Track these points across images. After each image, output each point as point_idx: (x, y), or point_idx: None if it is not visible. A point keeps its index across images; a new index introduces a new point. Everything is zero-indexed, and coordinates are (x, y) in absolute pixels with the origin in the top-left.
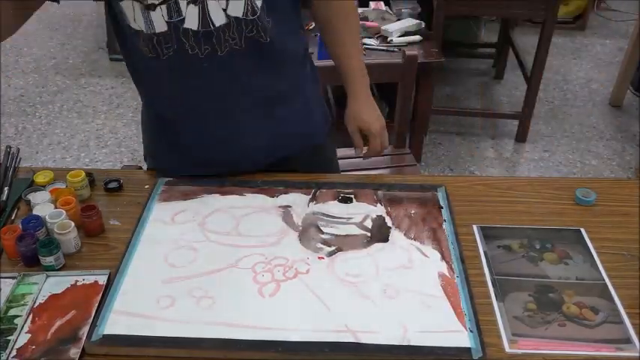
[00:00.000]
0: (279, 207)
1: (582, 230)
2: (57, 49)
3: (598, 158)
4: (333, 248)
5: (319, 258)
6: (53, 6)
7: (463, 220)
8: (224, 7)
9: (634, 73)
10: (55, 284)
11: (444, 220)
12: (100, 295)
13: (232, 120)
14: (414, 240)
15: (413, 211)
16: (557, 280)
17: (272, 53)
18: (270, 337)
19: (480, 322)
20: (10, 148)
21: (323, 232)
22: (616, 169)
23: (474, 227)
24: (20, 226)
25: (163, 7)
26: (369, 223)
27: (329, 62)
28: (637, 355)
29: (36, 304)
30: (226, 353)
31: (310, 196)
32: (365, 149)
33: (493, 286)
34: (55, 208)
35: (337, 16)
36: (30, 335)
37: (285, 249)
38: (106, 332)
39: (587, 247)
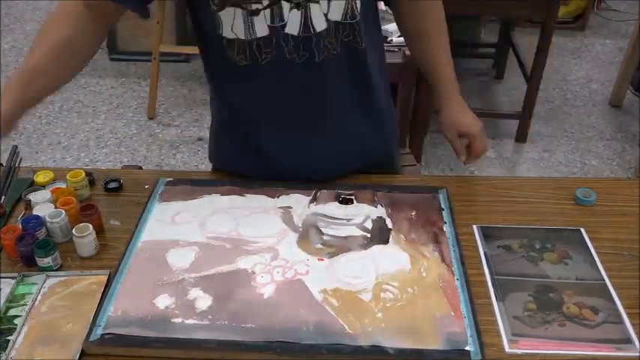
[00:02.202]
0: (280, 208)
1: (582, 230)
2: None
3: (598, 158)
4: (333, 249)
5: (319, 259)
6: (53, 5)
7: (463, 220)
8: (325, 12)
9: (634, 73)
10: (54, 284)
11: (445, 223)
12: (100, 295)
13: (318, 127)
14: (415, 242)
15: (413, 213)
16: (557, 280)
17: (364, 61)
18: (269, 338)
19: (479, 323)
20: (16, 147)
21: (323, 234)
22: (616, 169)
23: (474, 227)
24: (20, 226)
25: (267, 11)
26: (369, 225)
27: None
28: (637, 355)
29: (36, 304)
30: (225, 354)
31: (311, 197)
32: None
33: (493, 286)
34: (55, 208)
35: (431, 25)
36: (30, 335)
37: (284, 250)
38: (105, 332)
39: (587, 247)
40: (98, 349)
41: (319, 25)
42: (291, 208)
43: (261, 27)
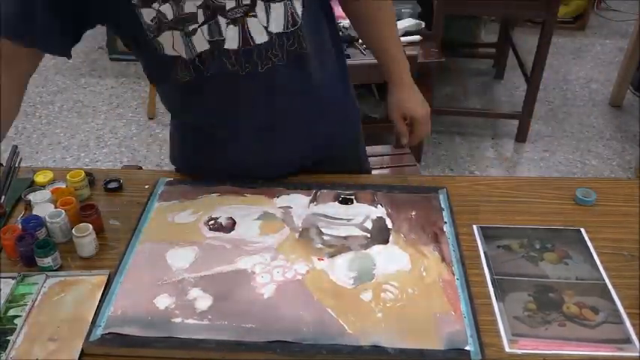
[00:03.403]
0: (280, 208)
1: (582, 230)
2: None
3: (598, 158)
4: (333, 249)
5: (319, 259)
6: None
7: (463, 220)
8: (265, 24)
9: (634, 73)
10: (54, 284)
11: (445, 223)
12: (100, 295)
13: (272, 131)
14: (415, 242)
15: (413, 213)
16: (557, 280)
17: (311, 60)
18: (269, 338)
19: (479, 323)
20: (16, 147)
21: (323, 234)
22: (616, 169)
23: (474, 227)
24: (20, 226)
25: (204, 27)
26: (369, 225)
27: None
28: (637, 355)
29: (36, 304)
30: (225, 354)
31: (311, 197)
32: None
33: (493, 286)
34: (55, 208)
35: (373, 9)
36: (30, 335)
37: (285, 250)
38: (105, 332)
39: (587, 247)
40: (98, 349)
41: (259, 37)
42: (291, 208)
43: (201, 43)
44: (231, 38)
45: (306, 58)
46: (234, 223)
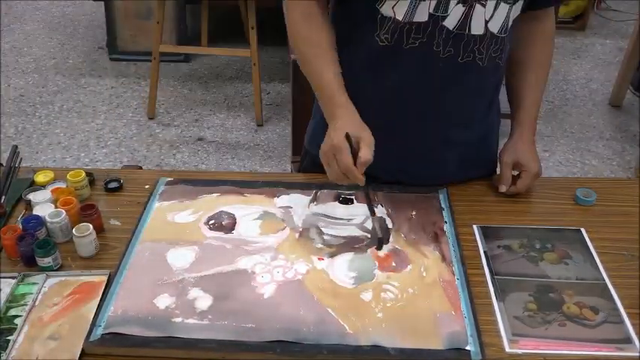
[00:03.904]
0: (280, 207)
1: (583, 230)
2: (57, 49)
3: (598, 158)
4: (333, 249)
5: (319, 259)
6: (53, 5)
7: (463, 220)
8: (487, 19)
9: (634, 73)
10: (54, 284)
11: (445, 222)
12: (100, 295)
13: (426, 129)
14: (415, 241)
15: (414, 213)
16: (557, 280)
17: (497, 77)
18: (269, 338)
19: (480, 323)
20: (16, 147)
21: (323, 233)
22: (616, 169)
23: (475, 227)
24: (20, 226)
25: (433, 0)
26: (369, 225)
27: None
28: (637, 355)
29: (36, 304)
30: (225, 354)
31: (311, 197)
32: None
33: (493, 286)
34: (56, 208)
35: (533, 57)
36: (29, 335)
37: (285, 250)
38: (105, 332)
39: (588, 247)
40: (98, 349)
41: (477, 28)
42: (292, 207)
43: (422, 13)
44: (454, 17)
45: (499, 69)
46: (234, 223)
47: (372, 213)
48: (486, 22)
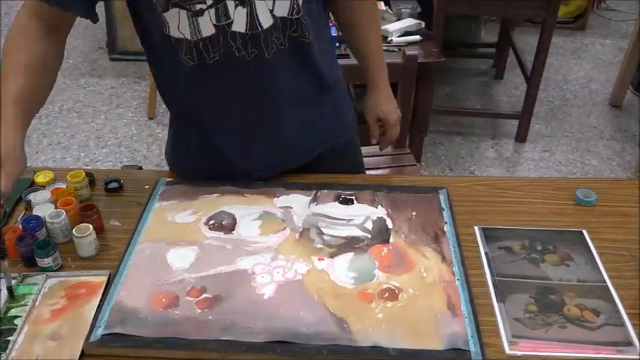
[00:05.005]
0: (280, 208)
1: (584, 232)
2: None
3: (598, 158)
4: (333, 249)
5: (319, 259)
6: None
7: (464, 221)
8: (270, 8)
9: (634, 73)
10: (54, 284)
11: (445, 223)
12: (100, 295)
13: (269, 121)
14: (415, 242)
15: (414, 213)
16: (558, 282)
17: (311, 53)
18: (269, 338)
19: (480, 324)
20: None
21: (323, 234)
22: (616, 169)
23: (475, 228)
24: (20, 227)
25: (211, 10)
26: (369, 225)
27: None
28: (637, 357)
29: (36, 305)
30: (225, 355)
31: (311, 198)
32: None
33: (494, 287)
34: (56, 208)
35: (361, 18)
36: (29, 335)
37: (285, 250)
38: (105, 333)
39: (589, 249)
40: (98, 349)
41: (265, 21)
42: (292, 208)
43: (207, 27)
44: (240, 20)
45: (307, 46)
46: (234, 223)
47: None
48: (271, 11)
